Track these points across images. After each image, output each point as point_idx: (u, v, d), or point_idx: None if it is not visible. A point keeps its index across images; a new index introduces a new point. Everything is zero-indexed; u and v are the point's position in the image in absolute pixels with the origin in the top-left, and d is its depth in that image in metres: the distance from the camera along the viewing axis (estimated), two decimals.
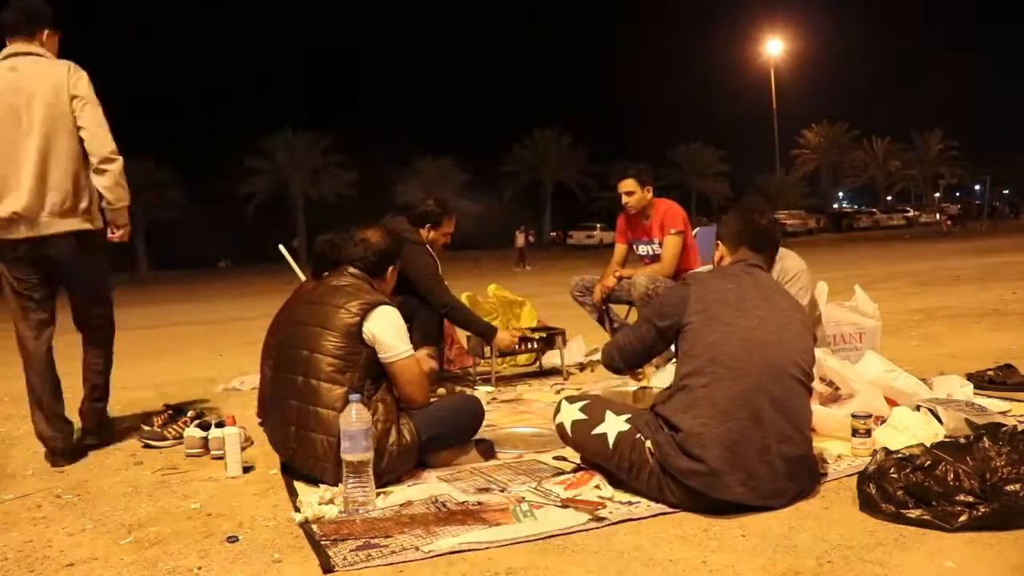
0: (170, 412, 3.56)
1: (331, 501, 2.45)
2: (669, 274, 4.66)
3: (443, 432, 2.80)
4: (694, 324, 2.39)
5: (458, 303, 4.30)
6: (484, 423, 3.01)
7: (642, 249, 4.95)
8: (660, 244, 4.80)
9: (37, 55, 3.26)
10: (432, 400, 2.89)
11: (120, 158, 3.30)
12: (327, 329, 2.67)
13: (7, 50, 3.26)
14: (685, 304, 2.44)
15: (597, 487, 2.48)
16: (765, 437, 2.25)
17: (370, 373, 2.66)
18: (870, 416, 2.76)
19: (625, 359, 2.73)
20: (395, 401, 2.72)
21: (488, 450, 2.95)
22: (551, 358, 4.85)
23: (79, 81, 3.24)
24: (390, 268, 2.94)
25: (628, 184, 4.81)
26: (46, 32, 3.32)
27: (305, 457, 2.67)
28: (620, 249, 5.06)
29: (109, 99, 3.30)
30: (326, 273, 2.94)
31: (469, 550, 2.08)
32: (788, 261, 3.74)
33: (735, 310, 2.39)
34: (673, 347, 2.59)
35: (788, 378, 2.34)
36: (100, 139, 3.25)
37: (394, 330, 2.69)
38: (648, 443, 2.34)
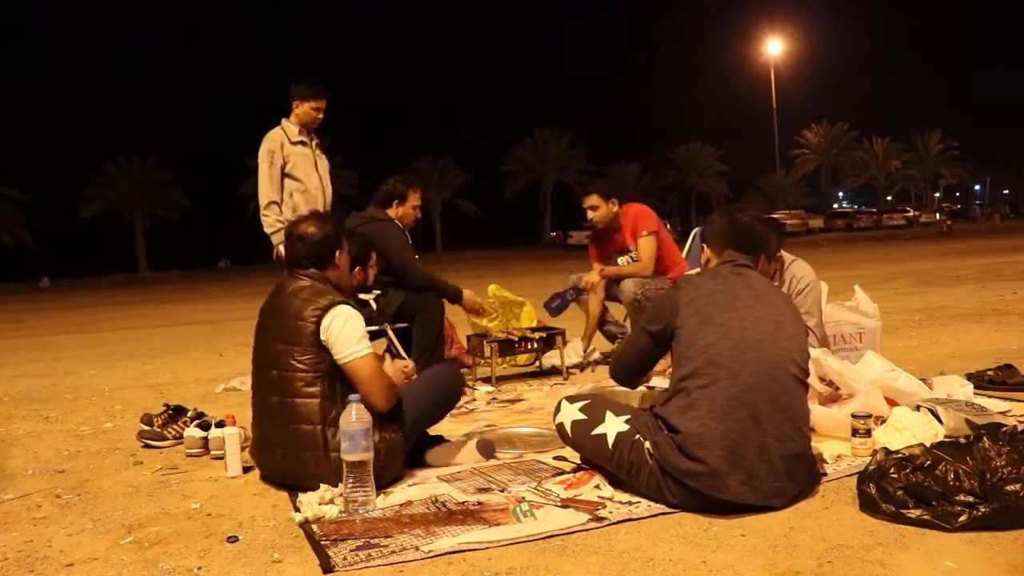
0: (170, 412, 3.55)
1: (331, 501, 2.45)
2: (649, 273, 4.66)
3: (420, 415, 2.75)
4: (688, 327, 2.40)
5: (430, 275, 4.35)
6: (484, 423, 3.01)
7: (620, 260, 4.94)
8: (636, 249, 4.80)
9: None
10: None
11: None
12: (291, 345, 2.61)
13: None
14: (676, 307, 2.44)
15: (597, 487, 2.48)
16: (764, 436, 2.26)
17: (339, 378, 2.60)
18: (870, 416, 2.75)
19: (627, 370, 2.75)
20: None
21: (488, 450, 2.95)
22: (551, 358, 4.85)
23: None
24: (337, 252, 2.79)
25: (592, 199, 4.78)
26: None
27: (301, 478, 2.59)
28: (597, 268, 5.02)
29: (111, 99, 3.33)
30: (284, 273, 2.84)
31: (469, 550, 2.08)
32: (798, 269, 3.57)
33: (728, 311, 2.39)
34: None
35: (785, 376, 2.34)
36: None
37: (346, 330, 2.59)
38: (647, 444, 2.34)
